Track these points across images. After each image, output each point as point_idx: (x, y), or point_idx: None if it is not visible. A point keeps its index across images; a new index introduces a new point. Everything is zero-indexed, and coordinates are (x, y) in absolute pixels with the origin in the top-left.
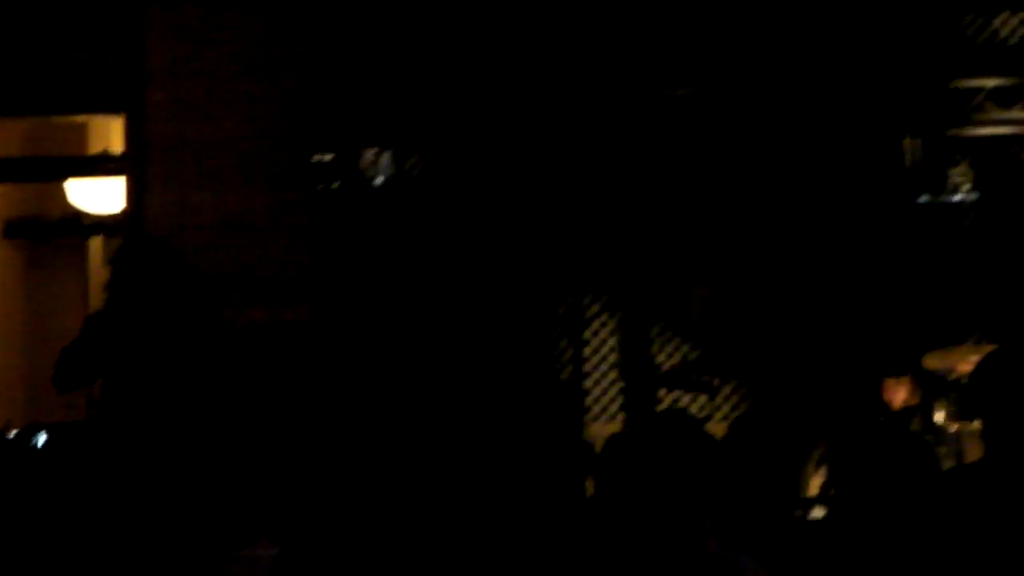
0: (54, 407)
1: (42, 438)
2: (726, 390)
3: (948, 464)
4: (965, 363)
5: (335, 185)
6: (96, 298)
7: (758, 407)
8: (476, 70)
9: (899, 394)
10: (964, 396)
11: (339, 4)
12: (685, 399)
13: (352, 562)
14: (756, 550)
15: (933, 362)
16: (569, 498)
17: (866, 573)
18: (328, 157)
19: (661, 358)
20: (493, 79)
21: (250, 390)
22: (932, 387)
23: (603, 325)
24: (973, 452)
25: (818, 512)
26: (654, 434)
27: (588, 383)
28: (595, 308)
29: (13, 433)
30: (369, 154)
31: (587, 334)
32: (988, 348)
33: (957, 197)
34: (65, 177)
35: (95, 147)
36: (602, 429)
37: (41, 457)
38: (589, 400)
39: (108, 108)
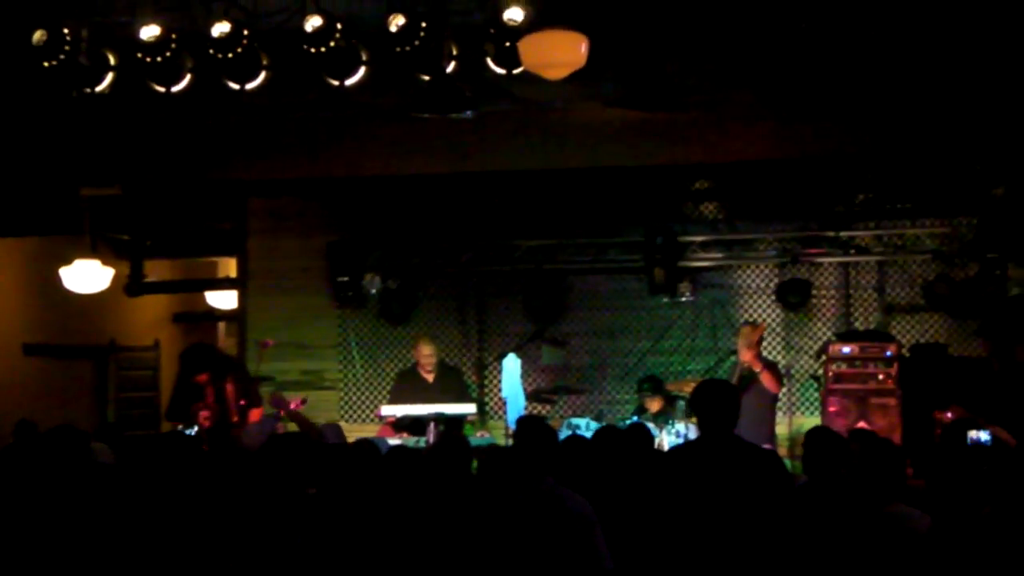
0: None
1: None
2: (560, 403)
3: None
4: (688, 387)
5: (350, 293)
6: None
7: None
8: (411, 239)
9: (655, 404)
10: (689, 404)
11: (351, 202)
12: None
13: None
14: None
15: (672, 387)
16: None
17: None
18: (346, 279)
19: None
20: (420, 242)
21: None
22: (673, 399)
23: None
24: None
25: None
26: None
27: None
28: (490, 359)
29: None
30: (367, 277)
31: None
32: (698, 380)
33: (683, 299)
34: (206, 290)
35: (222, 274)
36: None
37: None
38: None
39: (228, 253)
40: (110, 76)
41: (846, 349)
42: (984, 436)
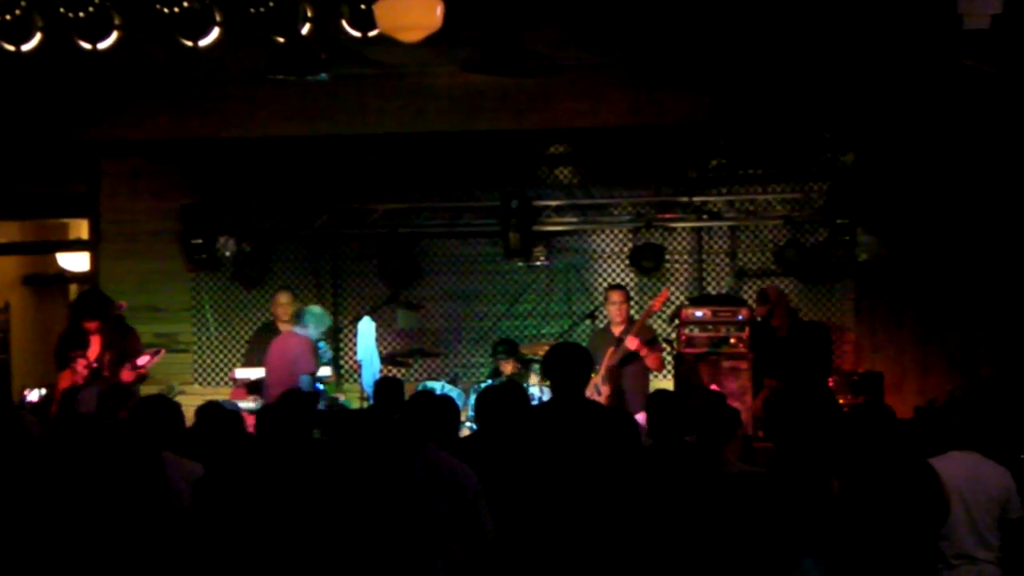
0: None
1: None
2: (415, 366)
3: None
4: (542, 351)
5: (204, 256)
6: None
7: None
8: (266, 201)
9: (508, 366)
10: (543, 367)
11: (205, 164)
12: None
13: None
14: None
15: (527, 350)
16: None
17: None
18: (200, 241)
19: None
20: (275, 205)
21: None
22: (528, 363)
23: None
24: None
25: None
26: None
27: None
28: (346, 322)
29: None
30: (222, 240)
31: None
32: (551, 343)
33: (538, 263)
34: (56, 251)
35: (73, 235)
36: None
37: None
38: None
39: (79, 215)
40: None
41: (699, 313)
42: None
